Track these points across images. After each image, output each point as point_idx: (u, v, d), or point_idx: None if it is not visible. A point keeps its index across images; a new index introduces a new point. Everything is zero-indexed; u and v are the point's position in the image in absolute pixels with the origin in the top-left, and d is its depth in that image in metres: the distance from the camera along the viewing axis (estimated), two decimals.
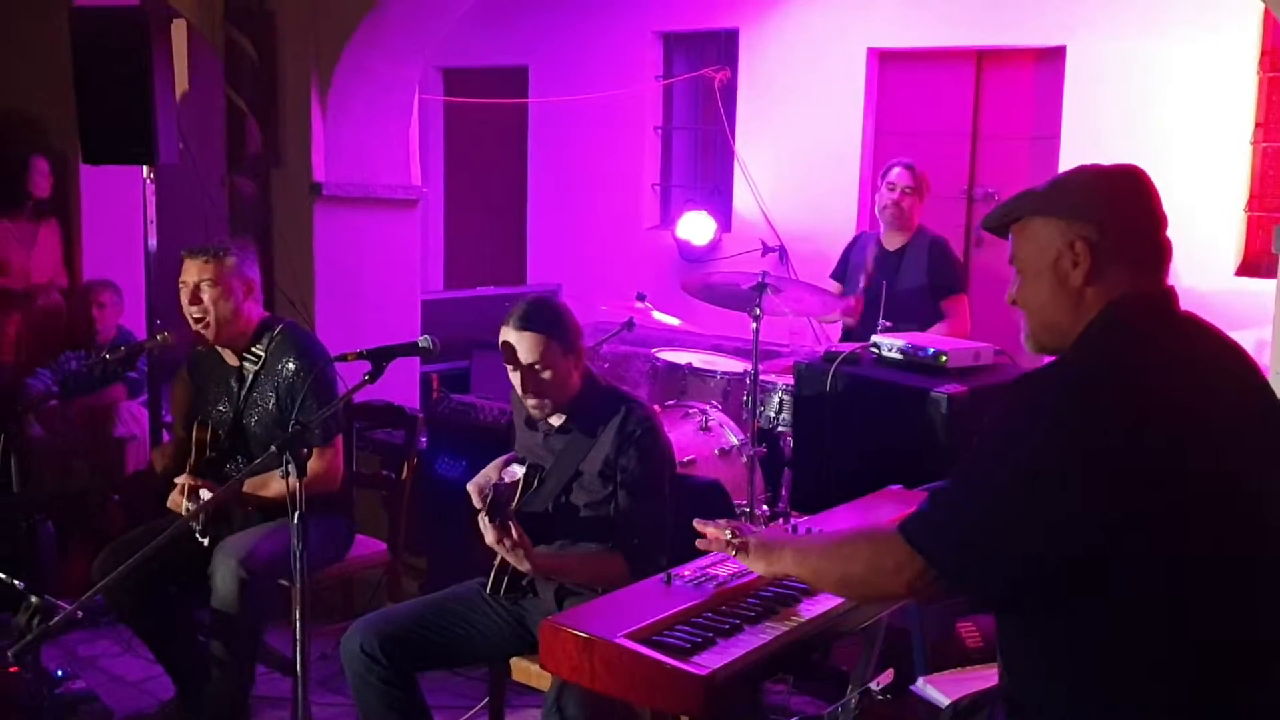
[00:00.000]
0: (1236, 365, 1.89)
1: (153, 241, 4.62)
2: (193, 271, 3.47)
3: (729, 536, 2.24)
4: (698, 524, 2.33)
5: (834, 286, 4.98)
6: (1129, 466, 1.69)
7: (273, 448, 2.62)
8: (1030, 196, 1.96)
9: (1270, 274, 5.67)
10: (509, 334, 2.94)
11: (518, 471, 2.84)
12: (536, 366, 2.92)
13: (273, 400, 3.53)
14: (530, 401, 2.98)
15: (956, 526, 1.81)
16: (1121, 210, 1.88)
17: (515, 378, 2.96)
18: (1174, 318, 1.88)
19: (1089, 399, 1.74)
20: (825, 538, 2.19)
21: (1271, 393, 1.91)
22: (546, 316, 2.94)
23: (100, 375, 4.96)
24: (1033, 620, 1.85)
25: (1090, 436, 1.71)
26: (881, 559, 1.87)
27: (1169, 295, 1.89)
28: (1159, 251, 1.89)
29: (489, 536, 2.80)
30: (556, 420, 3.05)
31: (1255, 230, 5.84)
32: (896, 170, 4.84)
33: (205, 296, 3.46)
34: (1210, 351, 1.88)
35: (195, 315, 3.49)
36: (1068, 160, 6.20)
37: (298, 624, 2.70)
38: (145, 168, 4.49)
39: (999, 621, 1.97)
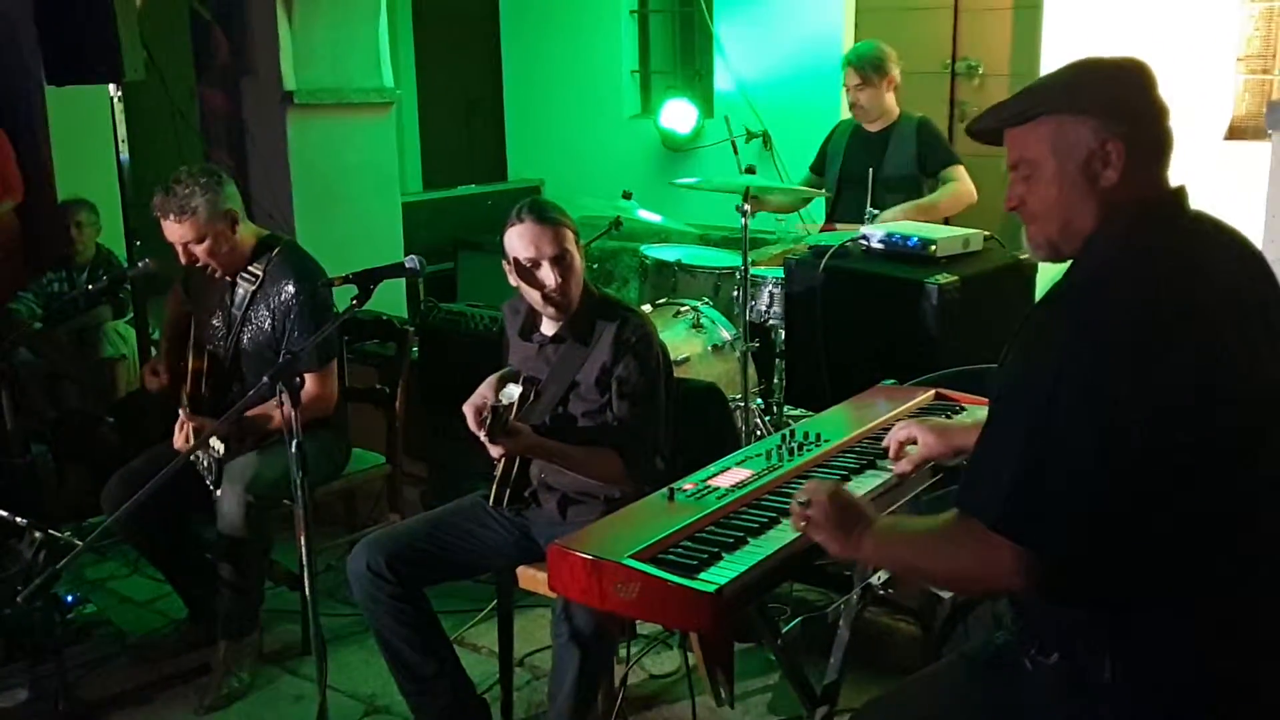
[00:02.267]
0: (1244, 261, 1.84)
1: (125, 159, 4.52)
2: (172, 233, 3.39)
3: (799, 510, 2.02)
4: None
5: (814, 181, 4.90)
6: (1150, 367, 1.63)
7: (265, 379, 2.60)
8: (1048, 91, 1.84)
9: (1258, 136, 5.62)
10: (527, 229, 2.88)
11: (514, 393, 2.82)
12: (565, 257, 2.88)
13: (268, 320, 3.49)
14: (553, 301, 2.92)
15: (1064, 504, 1.64)
16: (1144, 107, 1.80)
17: (535, 278, 2.91)
18: (1189, 219, 1.82)
19: (1158, 331, 1.64)
20: (910, 528, 1.97)
21: (1277, 287, 1.85)
22: (560, 209, 2.93)
23: (85, 302, 4.91)
24: None
25: (1163, 368, 1.62)
26: (991, 558, 1.69)
27: (1181, 194, 1.82)
28: (1168, 145, 1.82)
29: (495, 452, 2.81)
30: (550, 330, 3.03)
31: (1245, 94, 5.76)
32: (846, 70, 4.68)
33: (197, 252, 3.41)
34: (1220, 248, 1.82)
35: (197, 266, 3.46)
36: (1051, 29, 6.08)
37: (303, 549, 2.72)
38: (112, 86, 4.38)
39: None
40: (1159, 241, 1.75)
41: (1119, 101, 1.78)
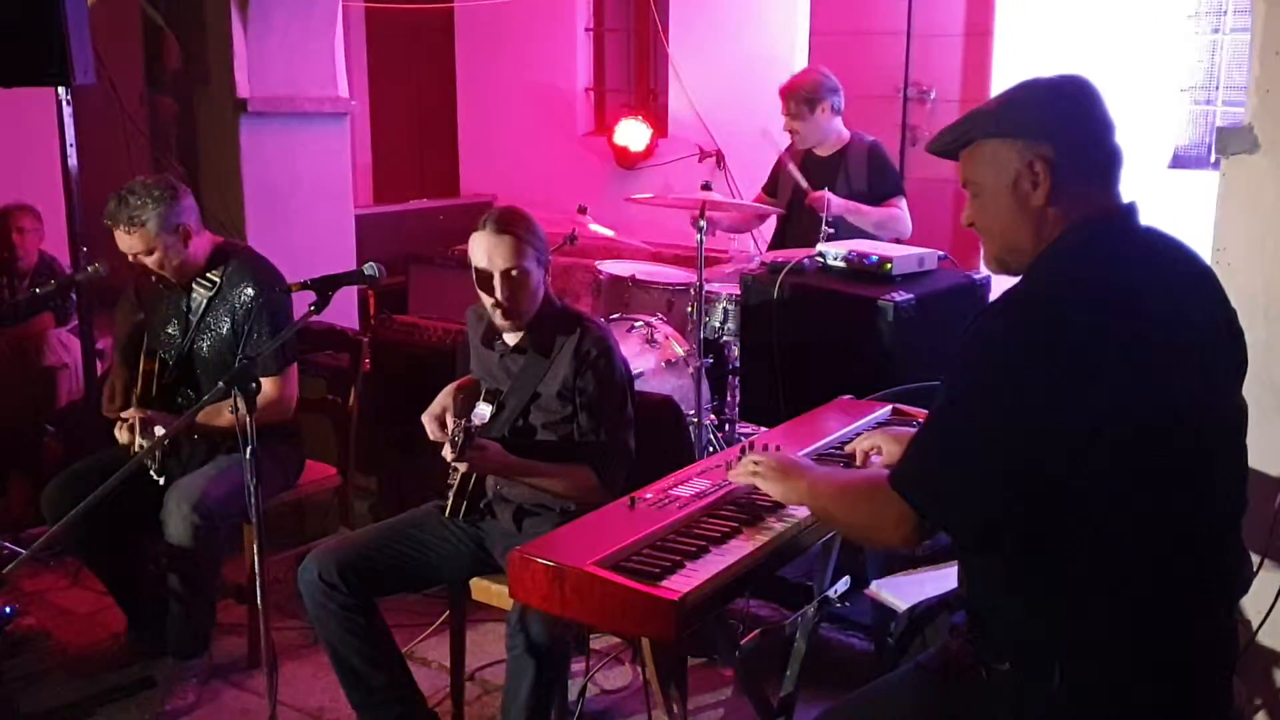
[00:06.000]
0: (1198, 279, 1.88)
1: (73, 164, 4.44)
2: (122, 243, 3.38)
3: (752, 468, 2.29)
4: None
5: (767, 202, 4.92)
6: (1092, 381, 1.68)
7: (220, 383, 2.57)
8: (982, 117, 1.91)
9: (1200, 165, 5.76)
10: (484, 238, 2.89)
11: (486, 413, 2.81)
12: (514, 272, 2.88)
13: (227, 325, 3.47)
14: (502, 311, 2.92)
15: (947, 475, 1.79)
16: (1076, 124, 1.85)
17: (490, 286, 2.90)
18: (1136, 233, 1.86)
19: (1051, 318, 1.72)
20: (839, 478, 2.20)
21: (1228, 306, 1.91)
22: (523, 223, 2.93)
23: (26, 307, 4.80)
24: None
25: (1052, 353, 1.69)
26: (882, 511, 1.86)
27: (1130, 211, 1.86)
28: (1113, 160, 1.87)
29: (463, 468, 2.80)
30: (512, 340, 3.02)
31: (1189, 123, 5.89)
32: (782, 104, 4.71)
33: (149, 261, 3.40)
34: (1172, 266, 1.86)
35: (147, 274, 3.44)
36: (1001, 55, 6.19)
37: (256, 559, 2.68)
38: (61, 89, 4.30)
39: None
40: (1092, 253, 1.80)
41: (1044, 121, 1.85)
